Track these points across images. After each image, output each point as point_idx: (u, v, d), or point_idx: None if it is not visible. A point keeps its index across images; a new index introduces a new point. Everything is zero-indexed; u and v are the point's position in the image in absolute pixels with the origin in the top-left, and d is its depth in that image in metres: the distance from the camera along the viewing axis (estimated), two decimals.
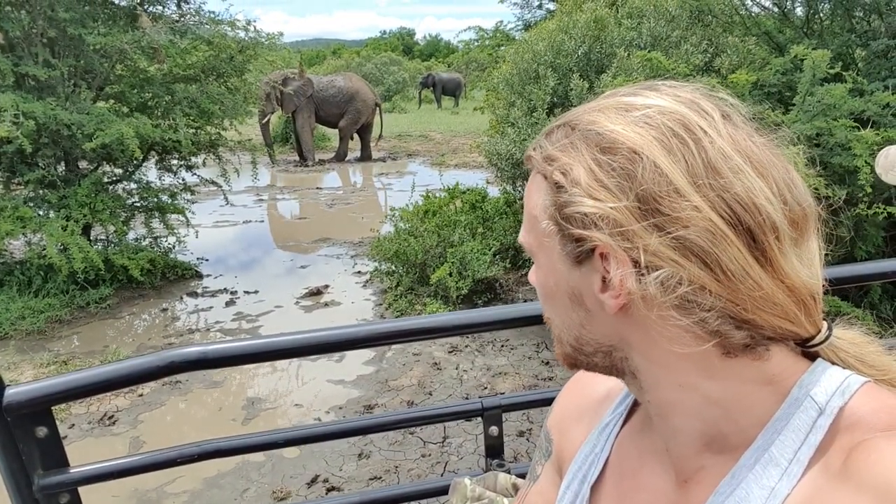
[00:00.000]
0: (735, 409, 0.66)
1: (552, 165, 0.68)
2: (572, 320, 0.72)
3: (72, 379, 1.18)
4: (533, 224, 0.72)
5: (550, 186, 0.68)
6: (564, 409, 0.95)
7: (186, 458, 1.29)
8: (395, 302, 6.87)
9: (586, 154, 0.65)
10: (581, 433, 0.87)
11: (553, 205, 0.67)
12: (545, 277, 0.73)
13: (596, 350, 0.71)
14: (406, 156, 19.05)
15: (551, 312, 0.76)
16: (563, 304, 0.72)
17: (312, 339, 1.28)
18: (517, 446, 4.25)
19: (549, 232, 0.69)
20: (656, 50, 5.73)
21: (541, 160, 0.70)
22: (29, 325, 6.43)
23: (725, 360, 0.64)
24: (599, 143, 0.65)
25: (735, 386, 0.65)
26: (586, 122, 0.67)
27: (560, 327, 0.75)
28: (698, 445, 0.68)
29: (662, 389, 0.69)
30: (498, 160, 7.13)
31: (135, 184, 8.30)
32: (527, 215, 0.73)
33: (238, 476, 4.09)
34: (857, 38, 5.19)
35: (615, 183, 0.63)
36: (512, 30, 17.37)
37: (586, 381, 0.93)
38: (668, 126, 0.62)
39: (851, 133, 4.15)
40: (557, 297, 0.72)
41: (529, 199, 0.72)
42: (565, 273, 0.69)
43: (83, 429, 4.69)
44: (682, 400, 0.67)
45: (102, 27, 7.35)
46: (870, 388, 0.64)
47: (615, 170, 0.63)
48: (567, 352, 0.76)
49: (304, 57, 29.22)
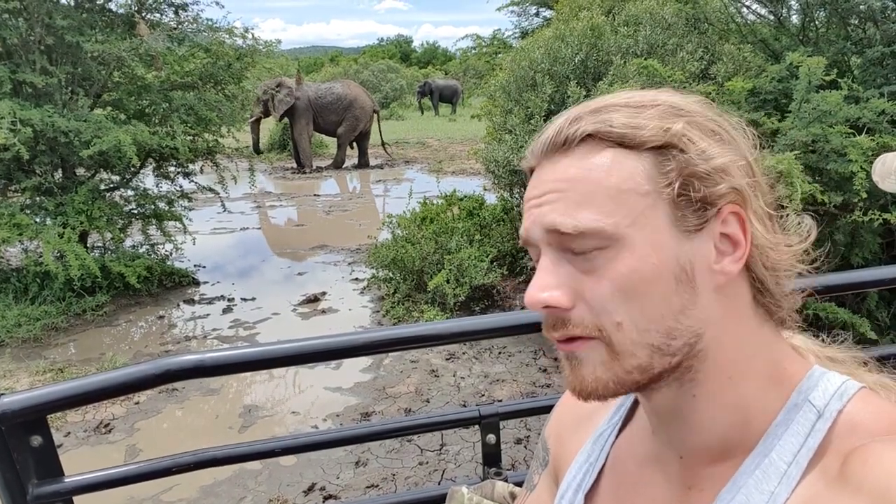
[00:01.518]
0: (754, 411, 0.67)
1: (647, 130, 0.64)
2: (670, 309, 0.64)
3: (67, 387, 1.17)
4: (621, 201, 0.63)
5: (653, 151, 0.64)
6: (562, 418, 0.95)
7: (182, 467, 1.29)
8: (392, 309, 6.86)
9: (678, 120, 0.66)
10: (577, 442, 0.87)
11: (667, 170, 0.64)
12: (641, 261, 0.63)
13: (684, 344, 0.65)
14: (403, 163, 19.07)
15: (633, 311, 0.63)
16: (662, 291, 0.63)
17: (310, 347, 1.28)
18: (514, 454, 4.24)
19: (652, 203, 0.64)
20: (652, 57, 5.75)
21: (625, 127, 0.65)
22: (25, 332, 6.41)
23: (774, 339, 0.70)
24: (677, 113, 0.67)
25: (760, 384, 0.67)
26: (652, 99, 0.68)
27: (642, 328, 0.64)
28: (714, 452, 0.68)
29: (713, 382, 0.67)
30: (495, 167, 7.14)
31: (132, 191, 8.30)
32: (603, 194, 0.63)
33: (234, 484, 4.07)
34: (852, 46, 5.21)
35: (719, 143, 0.67)
36: (509, 37, 17.40)
37: None
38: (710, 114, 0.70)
39: (847, 139, 4.16)
40: (657, 282, 0.63)
41: (608, 176, 0.64)
42: (674, 248, 0.64)
43: (79, 437, 4.67)
44: (723, 397, 0.67)
45: (100, 34, 7.36)
46: (866, 393, 0.65)
47: (714, 132, 0.67)
48: (640, 363, 0.64)
49: (301, 64, 29.30)
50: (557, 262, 0.65)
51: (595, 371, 0.65)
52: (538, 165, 0.70)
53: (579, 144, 0.66)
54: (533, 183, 0.69)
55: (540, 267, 0.66)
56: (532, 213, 0.67)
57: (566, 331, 0.65)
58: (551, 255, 0.66)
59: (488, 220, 7.88)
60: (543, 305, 0.65)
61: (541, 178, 0.68)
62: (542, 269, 0.66)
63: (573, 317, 0.65)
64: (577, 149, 0.66)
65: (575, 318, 0.65)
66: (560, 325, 0.66)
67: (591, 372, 0.66)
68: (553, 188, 0.66)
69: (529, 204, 0.68)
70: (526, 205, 0.69)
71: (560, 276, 0.65)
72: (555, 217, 0.64)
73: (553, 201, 0.65)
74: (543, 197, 0.66)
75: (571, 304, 0.64)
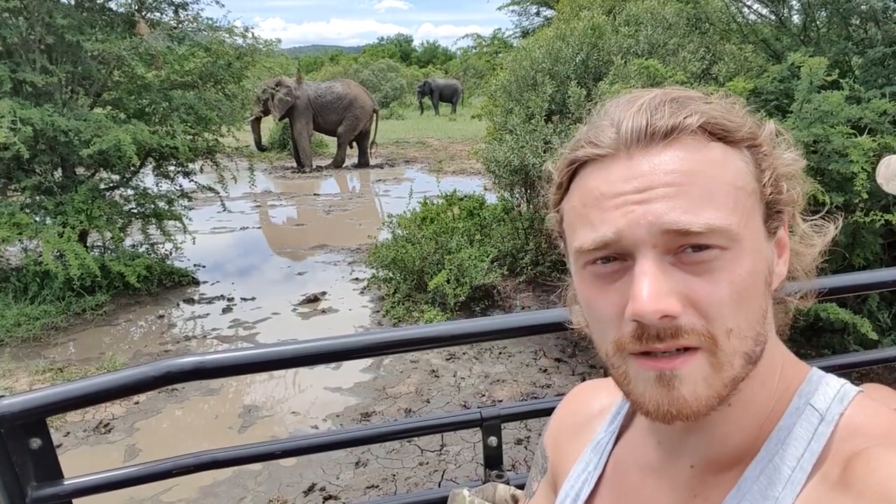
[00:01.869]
0: (765, 417, 0.66)
1: (742, 128, 0.63)
2: (760, 314, 0.62)
3: (66, 390, 1.16)
4: (737, 199, 0.60)
5: (751, 150, 0.63)
6: (560, 425, 0.94)
7: (182, 470, 1.28)
8: (392, 309, 6.85)
9: (752, 120, 0.67)
10: (576, 450, 0.87)
11: (761, 170, 0.63)
12: (754, 263, 0.60)
13: (761, 350, 0.63)
14: (404, 162, 19.05)
15: (741, 316, 0.60)
16: (759, 295, 0.61)
17: (309, 350, 1.27)
18: (515, 454, 4.24)
19: (755, 204, 0.62)
20: (653, 57, 5.75)
21: (728, 121, 0.63)
22: (25, 332, 6.40)
23: (778, 341, 0.70)
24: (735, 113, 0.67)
25: (775, 388, 0.67)
26: (697, 95, 0.67)
27: (743, 335, 0.60)
28: (727, 460, 0.67)
29: (749, 389, 0.65)
30: (496, 167, 7.13)
31: (132, 190, 8.29)
32: (723, 191, 0.60)
33: (234, 485, 4.06)
34: (853, 46, 5.20)
35: (786, 144, 0.69)
36: (510, 37, 17.41)
37: (582, 397, 0.93)
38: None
39: (848, 140, 4.16)
40: (758, 285, 0.61)
41: (724, 171, 0.60)
42: (765, 250, 0.63)
43: (78, 437, 4.67)
44: (754, 403, 0.66)
45: (100, 33, 7.35)
46: (863, 398, 0.65)
47: (781, 133, 0.70)
48: (736, 374, 0.61)
49: (301, 63, 29.27)
50: (662, 266, 0.59)
51: (696, 389, 0.60)
52: (624, 156, 0.63)
53: (685, 137, 0.61)
54: (622, 175, 0.62)
55: (643, 271, 0.59)
56: (632, 210, 0.60)
57: (677, 341, 0.59)
58: (655, 258, 0.59)
59: (489, 220, 7.88)
60: (662, 315, 0.58)
61: (637, 171, 0.61)
62: (648, 274, 0.58)
63: (684, 325, 0.59)
64: (683, 141, 0.61)
65: (686, 326, 0.59)
66: (670, 335, 0.59)
67: (692, 391, 0.60)
68: (665, 181, 0.59)
69: (624, 199, 0.60)
70: (610, 200, 0.61)
71: (670, 280, 0.59)
72: (677, 216, 0.58)
73: (670, 196, 0.59)
74: (651, 191, 0.59)
75: (683, 312, 0.59)
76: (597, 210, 0.62)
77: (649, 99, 0.64)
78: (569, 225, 0.68)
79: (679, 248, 0.59)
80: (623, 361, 0.63)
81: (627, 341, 0.61)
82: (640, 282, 0.58)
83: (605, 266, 0.63)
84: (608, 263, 0.63)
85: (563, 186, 0.69)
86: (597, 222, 0.62)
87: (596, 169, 0.64)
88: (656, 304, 0.57)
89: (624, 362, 0.63)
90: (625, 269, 0.61)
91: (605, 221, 0.61)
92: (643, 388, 0.62)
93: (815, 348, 5.11)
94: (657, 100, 0.63)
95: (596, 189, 0.63)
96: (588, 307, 0.67)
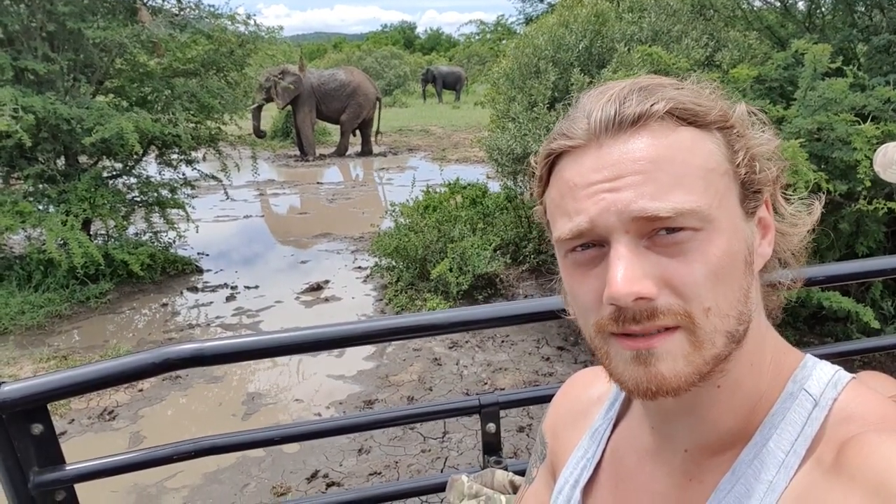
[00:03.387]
0: (757, 401, 0.67)
1: (716, 110, 0.64)
2: (742, 293, 0.63)
3: (67, 376, 1.17)
4: (709, 181, 0.61)
5: (723, 132, 0.64)
6: (558, 412, 0.95)
7: (183, 455, 1.29)
8: (395, 297, 6.86)
9: (723, 102, 0.67)
10: (574, 437, 0.87)
11: (733, 151, 0.64)
12: (729, 243, 0.61)
13: (745, 330, 0.64)
14: (407, 150, 19.02)
15: (720, 295, 0.61)
16: (738, 274, 0.62)
17: (309, 336, 1.28)
18: (517, 441, 4.25)
19: (729, 184, 0.63)
20: (657, 44, 5.71)
21: (697, 105, 0.63)
22: (28, 319, 6.43)
23: (769, 326, 0.70)
24: (725, 96, 0.69)
25: (767, 372, 0.68)
26: (668, 82, 0.67)
27: (724, 314, 0.61)
28: (720, 444, 0.68)
29: (738, 371, 0.66)
30: (499, 155, 7.12)
31: (135, 178, 8.30)
32: (693, 174, 0.61)
33: (238, 471, 4.09)
34: (858, 33, 5.16)
35: (762, 125, 0.69)
36: (513, 23, 17.34)
37: (580, 384, 0.94)
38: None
39: (852, 128, 4.13)
40: (738, 265, 0.62)
41: (693, 155, 0.62)
42: (744, 230, 0.64)
43: (83, 424, 4.70)
44: (744, 386, 0.67)
45: (102, 21, 7.31)
46: (856, 384, 0.66)
47: (755, 114, 0.70)
48: (718, 352, 0.62)
49: (304, 51, 29.20)
50: (636, 250, 0.60)
51: (675, 366, 0.61)
52: (594, 145, 0.64)
53: (652, 123, 0.62)
54: (593, 165, 0.63)
55: (618, 256, 0.60)
56: (603, 199, 0.61)
57: (654, 322, 0.60)
58: (629, 243, 0.60)
59: (491, 209, 7.87)
60: (636, 298, 0.59)
61: (607, 160, 0.62)
62: (622, 259, 0.60)
63: (660, 305, 0.60)
64: (651, 127, 0.62)
65: (662, 307, 0.60)
66: (646, 316, 0.60)
67: (671, 367, 0.61)
68: (633, 169, 0.61)
69: (595, 188, 0.62)
70: (583, 190, 0.63)
71: (644, 264, 0.60)
72: (644, 203, 0.59)
73: (638, 184, 0.60)
74: (620, 180, 0.61)
75: (659, 294, 0.60)
76: (571, 200, 0.64)
77: (619, 89, 0.65)
78: (550, 215, 0.70)
79: (652, 232, 0.61)
80: (604, 343, 0.65)
81: (606, 323, 0.63)
82: (615, 266, 0.60)
83: (583, 253, 0.65)
84: (586, 250, 0.64)
85: (543, 179, 0.71)
86: (571, 212, 0.64)
87: (570, 160, 0.66)
88: (630, 286, 0.59)
89: (605, 343, 0.65)
90: (602, 255, 0.63)
91: (579, 211, 0.63)
92: (623, 368, 0.64)
93: (818, 336, 5.10)
94: (626, 89, 0.65)
95: (570, 180, 0.65)
96: (571, 293, 0.69)
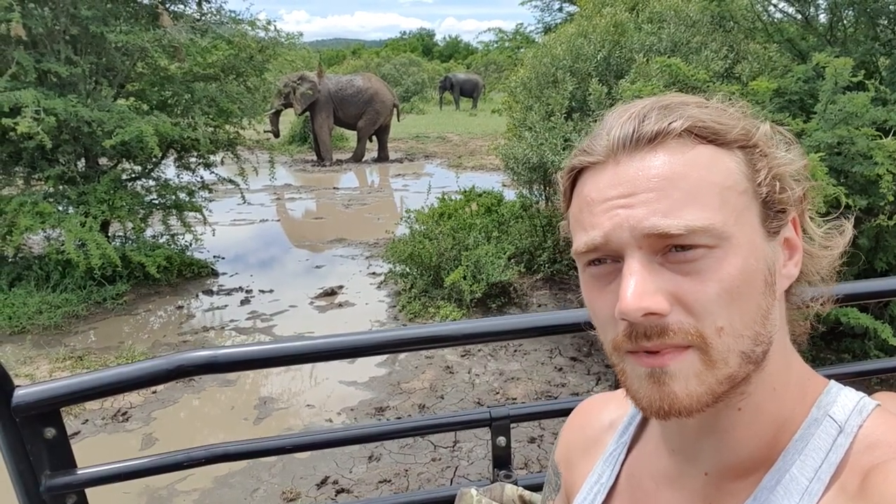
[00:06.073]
0: (780, 426, 0.66)
1: (737, 129, 0.64)
2: (760, 314, 0.62)
3: (81, 381, 1.18)
4: (725, 199, 0.61)
5: (744, 151, 0.64)
6: (570, 441, 0.93)
7: (194, 462, 1.29)
8: (408, 304, 6.86)
9: (747, 121, 0.67)
10: (587, 465, 0.86)
11: (755, 170, 0.63)
12: (745, 262, 0.60)
13: (763, 351, 0.63)
14: (423, 157, 19.05)
15: (734, 315, 0.60)
16: (756, 294, 0.62)
17: (323, 346, 1.28)
18: (528, 453, 4.23)
19: (748, 203, 0.63)
20: (676, 55, 5.68)
21: (717, 124, 0.63)
22: (46, 319, 6.50)
23: (794, 350, 0.70)
24: (752, 115, 0.68)
25: (792, 397, 0.67)
26: (693, 101, 0.67)
27: (738, 333, 0.61)
28: (742, 468, 0.67)
29: (760, 394, 0.65)
30: (515, 164, 7.11)
31: (153, 181, 8.39)
32: (709, 192, 0.60)
33: (248, 476, 4.10)
34: (880, 47, 5.11)
35: (787, 145, 0.68)
36: (532, 32, 17.33)
37: (590, 412, 0.92)
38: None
39: (873, 142, 4.09)
40: (755, 284, 0.61)
41: (710, 173, 0.61)
42: (764, 249, 0.63)
43: (97, 425, 4.73)
44: (766, 410, 0.66)
45: (124, 25, 7.41)
46: (882, 411, 0.64)
47: (782, 134, 0.69)
48: (732, 372, 0.61)
49: (323, 57, 29.38)
50: (649, 266, 0.60)
51: (688, 385, 0.60)
52: (612, 162, 0.64)
53: (670, 140, 0.62)
54: (610, 181, 0.63)
55: (630, 271, 0.60)
56: (617, 214, 0.61)
57: (665, 339, 0.60)
58: (641, 259, 0.60)
59: (507, 217, 7.86)
60: (646, 313, 0.59)
61: (624, 176, 0.62)
62: (635, 274, 0.60)
63: (671, 323, 0.59)
64: (668, 145, 0.62)
65: (674, 325, 0.59)
66: (657, 333, 0.60)
67: (684, 387, 0.60)
68: (647, 186, 0.61)
69: (610, 204, 0.62)
70: (599, 205, 0.63)
71: (657, 280, 0.60)
72: (657, 220, 0.59)
73: (652, 201, 0.60)
74: (634, 196, 0.61)
75: (670, 310, 0.59)
76: (588, 214, 0.65)
77: (641, 107, 0.65)
78: (571, 229, 0.70)
79: (665, 249, 0.60)
80: (621, 359, 0.65)
81: (621, 340, 0.63)
82: (626, 281, 0.60)
83: (600, 267, 0.65)
84: (603, 265, 0.65)
85: (566, 193, 0.71)
86: (588, 226, 0.65)
87: (590, 176, 0.66)
88: (640, 302, 0.59)
89: (622, 360, 0.65)
90: (618, 271, 0.63)
91: (594, 225, 0.64)
92: (637, 385, 0.64)
93: (835, 352, 5.04)
94: (648, 107, 0.65)
95: (588, 195, 0.65)
96: (590, 308, 0.69)
